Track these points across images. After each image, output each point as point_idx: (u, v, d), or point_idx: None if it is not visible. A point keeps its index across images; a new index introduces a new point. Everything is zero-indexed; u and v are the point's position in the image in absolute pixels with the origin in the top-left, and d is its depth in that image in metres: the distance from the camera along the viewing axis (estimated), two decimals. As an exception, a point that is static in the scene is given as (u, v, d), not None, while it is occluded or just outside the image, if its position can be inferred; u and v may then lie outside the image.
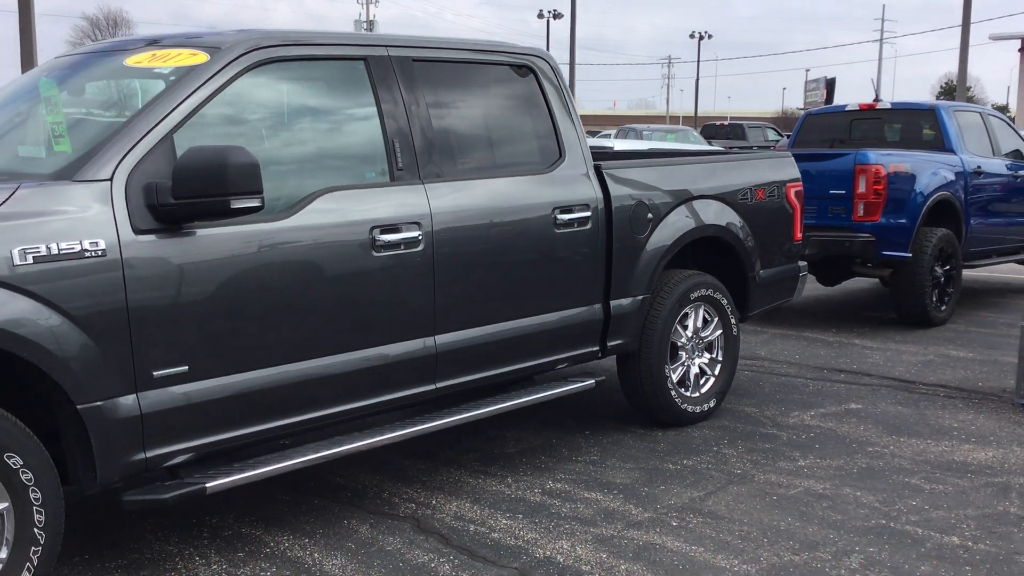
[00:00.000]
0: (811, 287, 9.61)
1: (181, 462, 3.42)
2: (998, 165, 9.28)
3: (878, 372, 6.63)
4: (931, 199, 8.14)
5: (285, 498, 4.28)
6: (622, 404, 5.51)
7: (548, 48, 57.76)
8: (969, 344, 7.55)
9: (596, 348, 4.87)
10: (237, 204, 3.23)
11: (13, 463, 2.97)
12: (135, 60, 3.75)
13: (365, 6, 62.81)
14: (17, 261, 2.96)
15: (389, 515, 4.10)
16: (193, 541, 3.84)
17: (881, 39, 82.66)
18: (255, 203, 3.27)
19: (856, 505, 4.23)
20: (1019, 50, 35.23)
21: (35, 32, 14.23)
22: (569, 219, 4.57)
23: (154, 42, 3.93)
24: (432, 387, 4.13)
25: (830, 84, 51.77)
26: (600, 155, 5.31)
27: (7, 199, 3.03)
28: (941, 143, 8.99)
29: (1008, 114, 51.07)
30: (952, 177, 8.51)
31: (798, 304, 9.24)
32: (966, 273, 9.92)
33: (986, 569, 3.61)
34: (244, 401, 3.48)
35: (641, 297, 4.98)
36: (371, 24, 63.14)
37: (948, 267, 8.37)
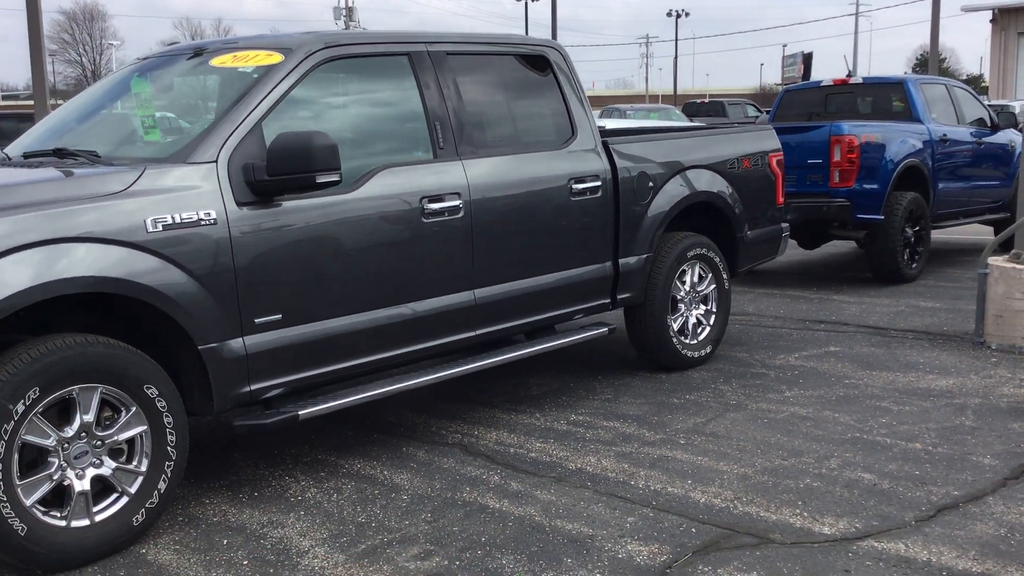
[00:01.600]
0: (793, 251, 10.37)
1: (276, 395, 4.12)
2: (963, 133, 10.03)
3: (855, 321, 7.38)
4: (900, 166, 8.87)
5: (350, 433, 4.99)
6: (629, 354, 6.24)
7: (527, 30, 58.28)
8: (937, 297, 8.32)
9: (607, 300, 5.59)
10: (321, 179, 3.92)
11: (151, 393, 3.66)
12: (219, 61, 4.43)
13: (345, -7, 63.02)
14: (150, 229, 3.65)
15: (440, 443, 4.83)
16: (279, 466, 4.55)
17: (857, 12, 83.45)
18: (335, 178, 3.97)
19: (834, 423, 4.98)
20: (990, 21, 36.03)
21: (43, 28, 14.83)
22: (582, 188, 5.28)
23: (202, 49, 4.62)
24: (472, 333, 4.84)
25: (807, 59, 52.53)
26: (605, 132, 6.01)
27: (138, 178, 3.72)
28: (909, 114, 9.72)
29: (982, 84, 52.01)
30: (920, 145, 9.24)
31: (782, 267, 10.00)
32: (939, 235, 10.72)
33: (943, 465, 4.36)
34: (326, 343, 4.18)
35: (645, 256, 5.70)
36: (350, 11, 63.41)
37: (918, 228, 9.11)
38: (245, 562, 3.57)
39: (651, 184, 5.71)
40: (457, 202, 4.64)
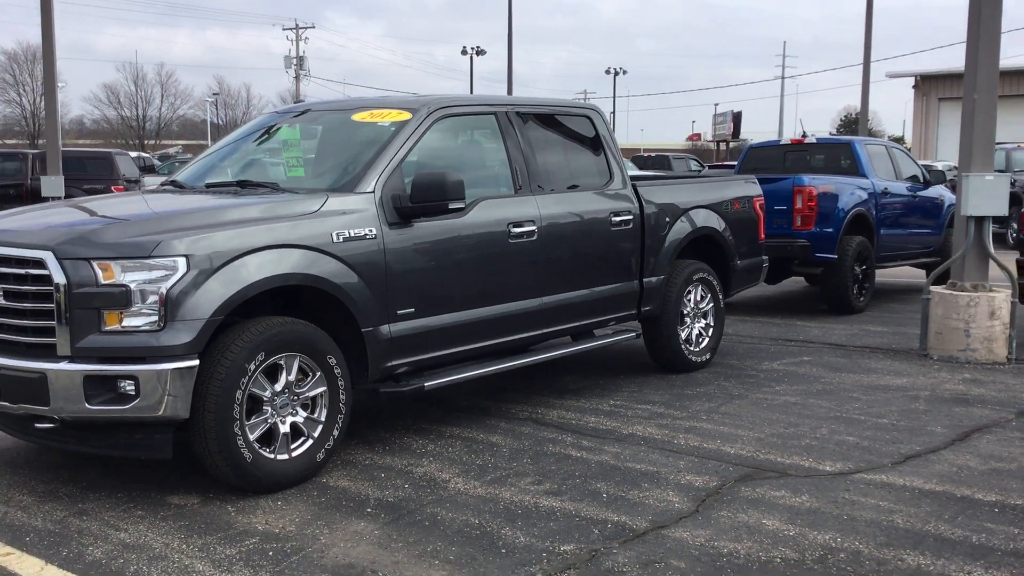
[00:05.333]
0: (756, 287, 11.84)
1: (403, 371, 5.36)
2: (900, 187, 11.67)
3: (819, 340, 8.84)
4: (850, 213, 10.43)
5: (439, 412, 6.22)
6: (641, 360, 7.57)
7: (472, 82, 60.18)
8: (883, 323, 9.84)
9: (634, 311, 6.94)
10: (452, 206, 5.21)
11: (331, 362, 4.87)
12: (360, 117, 5.71)
13: (295, 43, 64.48)
14: (334, 239, 4.89)
15: (514, 418, 6.08)
16: (395, 432, 5.76)
17: (783, 76, 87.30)
18: (461, 205, 5.26)
19: (818, 407, 6.36)
20: (913, 87, 38.74)
21: (56, 67, 15.78)
22: (619, 220, 6.64)
23: (341, 106, 5.90)
24: (539, 332, 6.14)
25: (737, 117, 55.36)
26: (632, 178, 7.39)
27: (324, 203, 4.97)
28: (856, 170, 11.34)
29: (904, 145, 55.31)
30: (866, 197, 10.83)
31: (748, 299, 11.47)
32: (881, 277, 12.29)
33: (907, 433, 5.75)
34: (442, 333, 5.43)
35: (662, 277, 7.06)
36: (301, 60, 64.79)
37: (864, 267, 10.67)
38: (406, 485, 4.79)
39: (668, 219, 7.10)
40: (533, 228, 5.95)
